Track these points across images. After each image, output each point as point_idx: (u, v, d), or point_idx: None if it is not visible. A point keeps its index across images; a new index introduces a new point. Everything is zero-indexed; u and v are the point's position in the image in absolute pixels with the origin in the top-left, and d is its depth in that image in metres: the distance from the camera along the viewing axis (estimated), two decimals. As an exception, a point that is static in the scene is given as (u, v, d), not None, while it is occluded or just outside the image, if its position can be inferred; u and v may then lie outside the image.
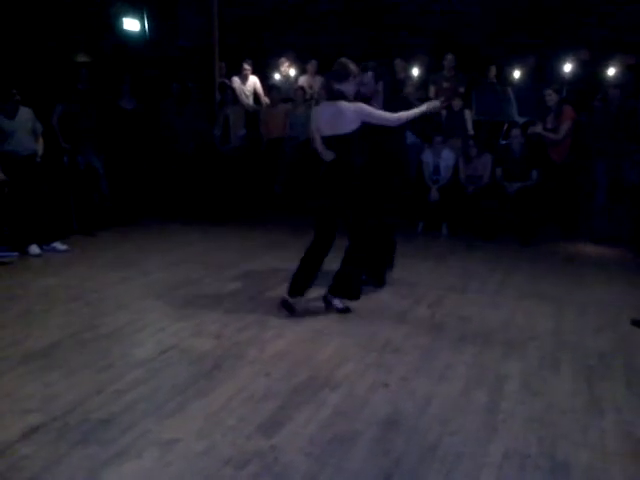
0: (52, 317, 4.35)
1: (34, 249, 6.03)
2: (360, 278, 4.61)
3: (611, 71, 8.11)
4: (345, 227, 4.42)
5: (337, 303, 4.50)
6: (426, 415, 3.06)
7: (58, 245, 6.22)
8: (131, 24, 8.83)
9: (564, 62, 8.45)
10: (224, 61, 9.23)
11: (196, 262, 5.89)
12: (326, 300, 4.52)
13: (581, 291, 5.19)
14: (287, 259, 6.01)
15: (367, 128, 4.32)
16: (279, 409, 3.08)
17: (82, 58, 8.58)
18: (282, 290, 5.00)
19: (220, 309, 4.57)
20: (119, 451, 2.68)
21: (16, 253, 5.94)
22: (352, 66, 4.32)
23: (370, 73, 4.69)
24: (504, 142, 7.62)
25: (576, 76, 8.38)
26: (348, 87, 4.29)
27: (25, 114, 6.23)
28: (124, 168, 7.66)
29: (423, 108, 4.47)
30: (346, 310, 4.48)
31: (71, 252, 6.17)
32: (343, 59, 4.36)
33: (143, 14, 8.92)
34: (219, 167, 8.15)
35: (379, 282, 5.07)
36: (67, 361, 3.61)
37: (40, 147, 6.41)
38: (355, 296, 4.50)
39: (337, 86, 4.27)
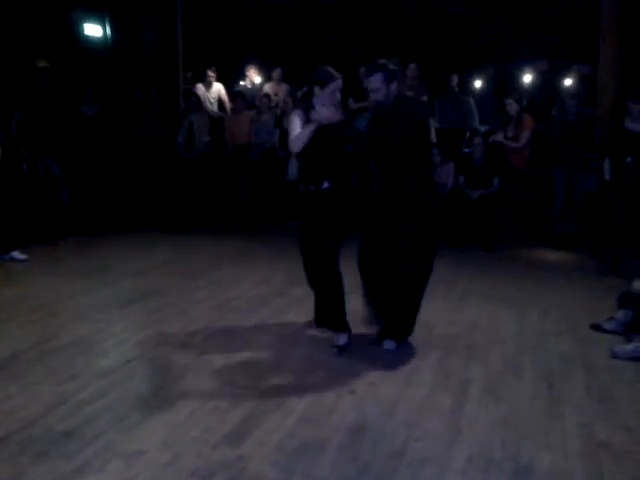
0: (12, 328, 4.25)
1: (-8, 258, 5.89)
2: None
3: (568, 81, 8.34)
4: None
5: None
6: (392, 420, 3.09)
7: (17, 254, 6.07)
8: (93, 30, 8.71)
9: (524, 72, 8.66)
10: (190, 70, 9.21)
11: (161, 271, 5.82)
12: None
13: (542, 295, 5.29)
14: (253, 267, 6.01)
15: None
16: (245, 418, 3.07)
17: (43, 63, 8.42)
18: (247, 298, 5.00)
19: (185, 318, 4.53)
20: (82, 464, 2.63)
21: (-27, 263, 5.80)
22: (325, 72, 3.82)
23: (379, 75, 3.85)
24: (466, 150, 7.75)
25: (535, 86, 8.59)
26: (318, 101, 3.80)
27: (-17, 120, 6.09)
28: (86, 175, 7.54)
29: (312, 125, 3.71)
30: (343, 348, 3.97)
31: (31, 261, 6.03)
32: (318, 68, 3.89)
33: (105, 20, 8.81)
34: (183, 174, 8.09)
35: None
36: (28, 372, 3.54)
37: (-2, 154, 6.27)
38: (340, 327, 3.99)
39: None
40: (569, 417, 3.18)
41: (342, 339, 3.96)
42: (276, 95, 8.95)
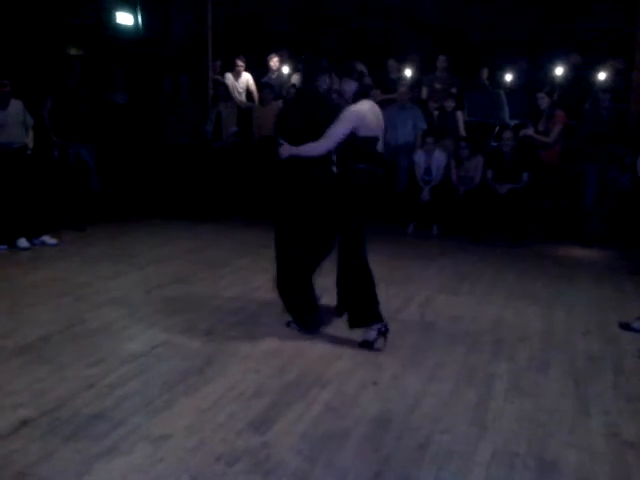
0: (42, 311, 4.33)
1: (23, 242, 5.99)
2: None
3: (601, 75, 8.18)
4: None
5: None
6: (416, 413, 3.08)
7: (47, 239, 6.18)
8: (124, 18, 8.78)
9: (556, 65, 8.51)
10: (219, 59, 9.22)
11: (188, 258, 5.88)
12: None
13: (570, 292, 5.23)
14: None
15: None
16: (270, 406, 3.09)
17: (74, 51, 8.52)
18: (272, 287, 4.99)
19: (211, 305, 4.57)
20: (110, 446, 2.68)
21: (5, 246, 5.91)
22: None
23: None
24: (495, 144, 7.66)
25: (567, 80, 8.45)
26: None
27: (16, 106, 6.20)
28: (115, 162, 7.63)
29: None
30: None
31: (61, 246, 6.14)
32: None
33: (136, 8, 8.87)
34: (211, 163, 8.13)
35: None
36: (57, 355, 3.60)
37: (30, 140, 6.38)
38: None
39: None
40: (595, 416, 3.14)
41: (373, 334, 3.89)
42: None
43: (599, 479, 2.63)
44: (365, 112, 3.94)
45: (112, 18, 8.66)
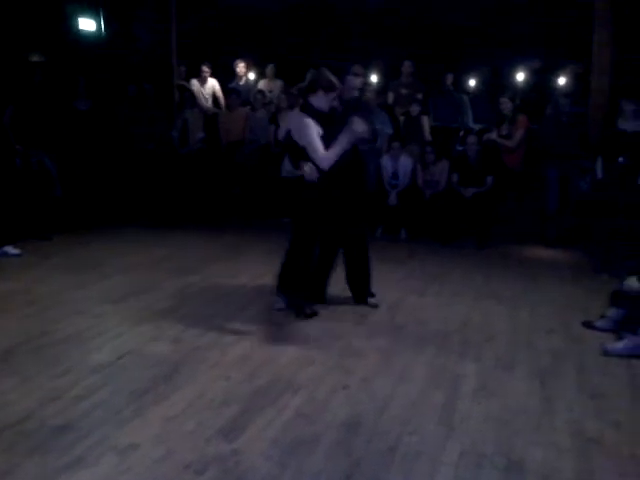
0: (6, 323, 4.24)
1: (-15, 253, 5.86)
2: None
3: (561, 80, 8.37)
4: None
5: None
6: (385, 416, 3.11)
7: (10, 249, 6.05)
8: (87, 24, 8.68)
9: (517, 71, 8.69)
10: (184, 64, 9.18)
11: (155, 266, 5.82)
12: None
13: (534, 293, 5.33)
14: (246, 264, 6.02)
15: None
16: (239, 413, 3.08)
17: (36, 58, 8.39)
18: (242, 294, 5.01)
19: (179, 313, 4.53)
20: (76, 458, 2.64)
21: (-34, 257, 5.78)
22: (330, 79, 4.21)
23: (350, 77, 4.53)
24: (460, 148, 7.77)
25: (529, 85, 8.63)
26: (317, 100, 4.23)
27: (-24, 114, 6.07)
28: (79, 170, 7.52)
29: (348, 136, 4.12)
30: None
31: (25, 256, 6.02)
32: (321, 69, 4.27)
33: (99, 14, 8.78)
34: (177, 170, 8.08)
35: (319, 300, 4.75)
36: (22, 367, 3.54)
37: (-9, 148, 6.25)
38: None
39: (308, 98, 4.27)
40: (560, 413, 3.21)
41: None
42: (270, 92, 8.94)
43: (564, 475, 2.68)
44: (288, 118, 4.44)
45: (74, 24, 8.56)
